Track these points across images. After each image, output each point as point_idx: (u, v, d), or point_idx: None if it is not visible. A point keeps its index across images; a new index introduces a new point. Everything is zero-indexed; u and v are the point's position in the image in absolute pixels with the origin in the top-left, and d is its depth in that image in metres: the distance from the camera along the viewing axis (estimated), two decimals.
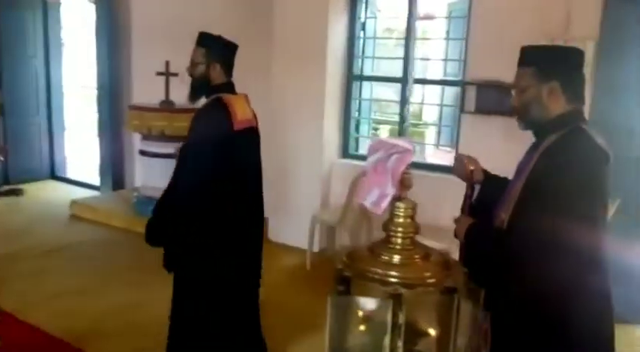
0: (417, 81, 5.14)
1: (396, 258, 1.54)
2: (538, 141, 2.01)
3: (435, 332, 1.59)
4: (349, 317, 1.54)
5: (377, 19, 5.49)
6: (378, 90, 5.65)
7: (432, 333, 1.60)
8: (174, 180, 2.90)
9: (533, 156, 1.97)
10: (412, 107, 5.30)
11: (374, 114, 6.17)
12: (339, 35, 5.23)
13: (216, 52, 2.99)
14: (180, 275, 2.95)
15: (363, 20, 5.30)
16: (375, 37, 5.49)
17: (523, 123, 2.04)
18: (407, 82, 5.08)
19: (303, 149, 5.35)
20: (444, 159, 5.80)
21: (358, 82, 5.44)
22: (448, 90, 5.23)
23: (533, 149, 2.01)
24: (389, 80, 5.67)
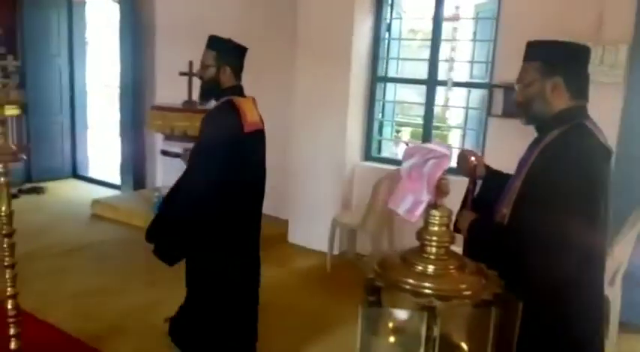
0: (442, 83, 5.04)
1: (431, 268, 1.47)
2: (540, 136, 2.01)
3: (470, 346, 1.52)
4: (380, 328, 1.47)
5: (402, 19, 5.39)
6: (400, 91, 5.56)
7: (466, 348, 1.52)
8: (183, 179, 3.01)
9: (534, 151, 1.97)
10: (436, 109, 5.21)
11: (396, 116, 6.09)
12: (364, 36, 5.16)
13: (227, 55, 3.04)
14: (191, 270, 3.12)
15: (388, 21, 5.22)
16: (400, 39, 5.41)
17: (525, 118, 2.05)
18: (433, 83, 5.05)
19: (325, 151, 5.29)
20: None
21: (382, 84, 5.37)
22: (474, 93, 5.12)
23: (535, 144, 2.01)
24: (414, 82, 5.58)
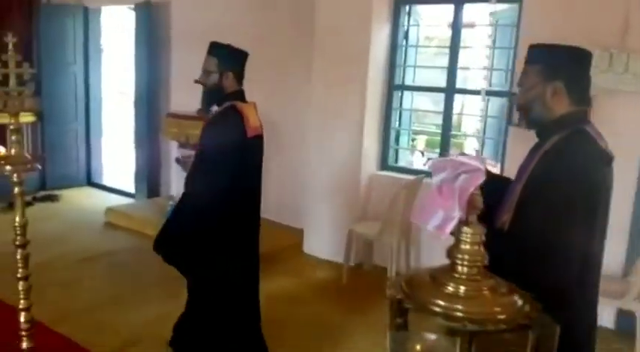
0: (460, 91, 4.96)
1: (462, 290, 1.38)
2: (540, 141, 1.99)
3: None
4: None
5: (419, 27, 5.32)
6: (415, 99, 5.49)
7: None
8: (190, 186, 3.02)
9: (534, 157, 1.95)
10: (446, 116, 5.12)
11: (412, 124, 6.01)
12: (382, 43, 5.08)
13: (229, 61, 3.05)
14: (195, 275, 3.13)
15: (406, 28, 5.15)
16: (417, 46, 5.33)
17: (525, 122, 2.05)
18: (451, 91, 4.96)
19: (341, 159, 5.22)
20: None
21: (398, 92, 5.29)
22: (493, 101, 5.03)
23: (535, 150, 1.99)
24: (432, 90, 5.50)
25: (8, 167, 2.44)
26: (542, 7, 4.27)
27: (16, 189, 2.52)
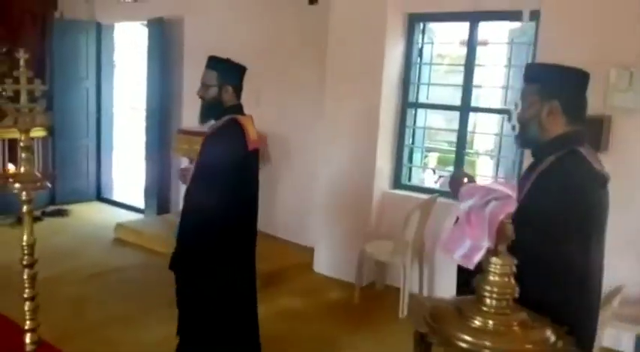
0: (476, 109, 4.90)
1: (491, 324, 1.31)
2: (536, 162, 1.99)
3: None
4: None
5: (434, 44, 5.27)
6: (427, 117, 5.43)
7: None
8: (194, 200, 3.02)
9: (530, 177, 1.96)
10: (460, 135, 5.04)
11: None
12: (396, 60, 5.03)
13: (228, 75, 3.08)
14: (191, 289, 3.11)
15: (420, 46, 5.10)
16: (431, 63, 5.28)
17: (520, 141, 2.06)
18: (466, 110, 4.90)
19: (353, 177, 5.14)
20: None
21: (412, 109, 5.23)
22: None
23: (531, 170, 2.00)
24: (447, 108, 5.43)
25: (17, 185, 2.39)
26: (559, 25, 4.20)
27: (24, 207, 2.47)
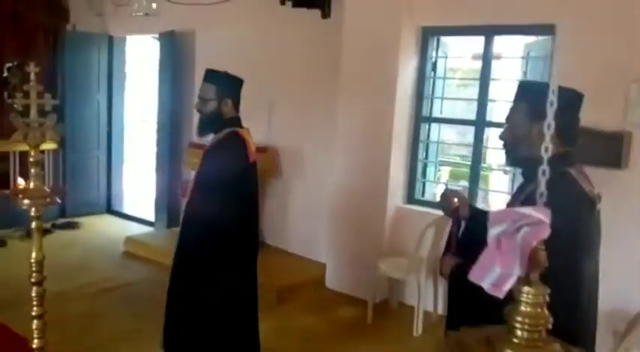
0: (492, 124, 4.82)
1: None
2: (525, 183, 1.98)
3: None
4: None
5: (447, 58, 5.21)
6: (441, 131, 5.36)
7: None
8: (197, 211, 3.00)
9: (518, 198, 1.94)
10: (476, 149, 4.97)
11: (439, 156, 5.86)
12: (409, 75, 4.97)
13: (227, 88, 3.10)
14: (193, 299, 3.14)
15: (434, 60, 5.04)
16: (445, 78, 5.22)
17: (510, 160, 2.04)
18: (482, 124, 4.82)
19: (366, 192, 5.07)
20: None
21: (426, 124, 5.16)
22: None
23: (520, 191, 1.99)
24: (462, 123, 5.35)
25: (26, 201, 2.34)
26: (576, 39, 4.11)
27: (33, 223, 2.41)
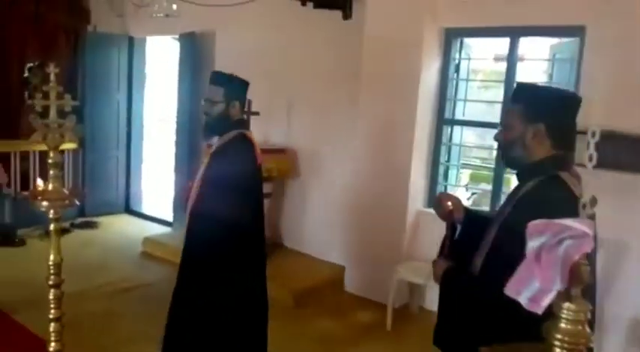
0: None
1: None
2: (519, 185, 1.96)
3: None
4: None
5: (470, 60, 5.12)
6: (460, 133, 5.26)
7: None
8: (210, 213, 2.99)
9: (511, 201, 1.93)
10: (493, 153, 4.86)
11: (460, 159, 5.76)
12: (432, 77, 4.89)
13: (235, 91, 3.10)
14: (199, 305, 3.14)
15: (457, 61, 4.95)
16: (467, 79, 5.12)
17: (504, 161, 2.05)
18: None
19: (386, 195, 4.99)
20: None
21: (448, 126, 5.07)
22: None
23: (513, 194, 1.97)
24: (485, 125, 5.25)
25: (45, 203, 2.31)
26: (605, 41, 4.02)
27: (51, 225, 2.38)
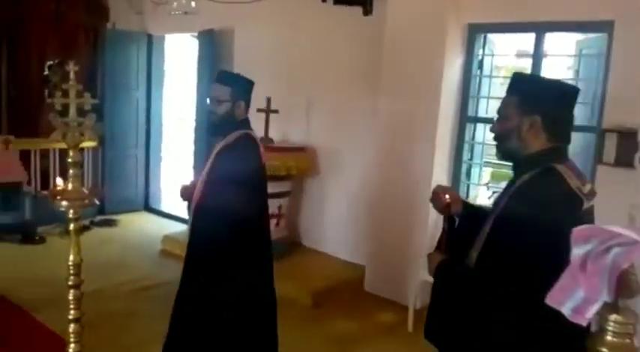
0: None
1: None
2: (514, 178, 1.94)
3: None
4: None
5: (494, 56, 5.01)
6: (480, 131, 5.15)
7: None
8: (209, 214, 2.94)
9: (507, 193, 1.92)
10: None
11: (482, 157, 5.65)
12: (455, 73, 4.80)
13: (241, 90, 3.11)
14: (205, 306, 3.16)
15: (480, 58, 4.85)
16: (491, 76, 5.02)
17: (500, 153, 2.02)
18: None
19: (408, 194, 4.91)
20: None
21: (471, 124, 4.98)
22: (575, 136, 4.68)
23: (509, 187, 1.96)
24: None
25: (64, 202, 2.26)
26: (635, 37, 3.91)
27: (71, 225, 2.34)
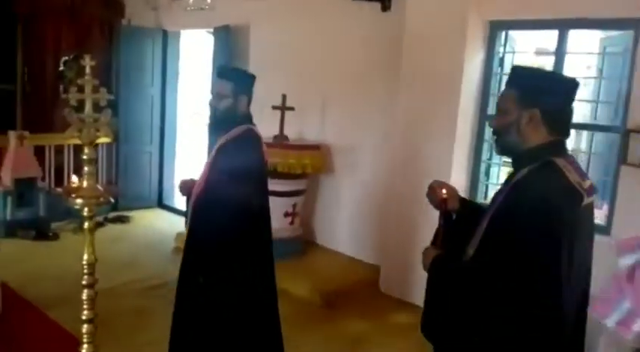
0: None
1: None
2: (513, 172, 1.93)
3: None
4: None
5: (515, 53, 4.91)
6: None
7: None
8: (212, 210, 2.89)
9: (505, 188, 1.91)
10: None
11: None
12: (475, 71, 4.70)
13: (243, 85, 3.08)
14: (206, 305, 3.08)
15: (501, 55, 4.75)
16: None
17: (498, 147, 2.00)
18: None
19: (425, 195, 4.82)
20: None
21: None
22: (598, 137, 4.59)
23: (508, 182, 1.95)
24: None
25: (79, 200, 2.22)
26: None
27: (86, 224, 2.29)
